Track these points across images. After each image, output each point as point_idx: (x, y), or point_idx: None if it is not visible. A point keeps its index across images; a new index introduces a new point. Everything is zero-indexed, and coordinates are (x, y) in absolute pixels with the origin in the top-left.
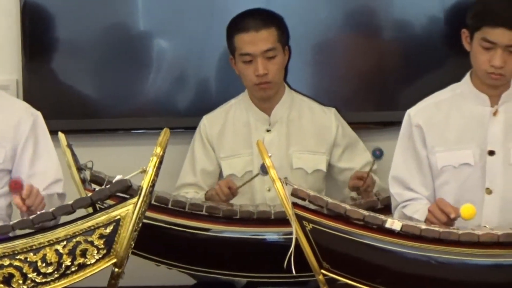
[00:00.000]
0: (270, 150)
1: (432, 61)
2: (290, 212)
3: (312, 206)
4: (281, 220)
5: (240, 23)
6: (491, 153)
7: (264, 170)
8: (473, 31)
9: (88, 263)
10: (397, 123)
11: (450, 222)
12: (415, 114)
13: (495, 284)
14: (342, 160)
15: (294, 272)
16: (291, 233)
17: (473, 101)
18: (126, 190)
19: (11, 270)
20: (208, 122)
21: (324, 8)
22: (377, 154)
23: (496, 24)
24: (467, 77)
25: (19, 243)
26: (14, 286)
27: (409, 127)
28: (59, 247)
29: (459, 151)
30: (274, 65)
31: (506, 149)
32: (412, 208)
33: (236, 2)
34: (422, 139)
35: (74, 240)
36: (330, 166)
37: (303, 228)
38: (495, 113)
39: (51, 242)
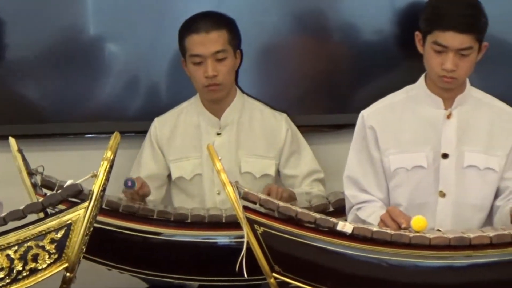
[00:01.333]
0: (220, 153)
1: (384, 63)
2: (241, 215)
3: (263, 210)
4: (232, 224)
5: (191, 25)
6: (445, 156)
7: (126, 185)
8: (425, 34)
9: (40, 268)
10: (349, 126)
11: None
12: (368, 116)
13: (446, 286)
14: (287, 166)
15: (245, 275)
16: (242, 237)
17: (427, 104)
18: (77, 195)
19: None
20: (159, 124)
21: (275, 11)
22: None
23: (447, 28)
24: (421, 79)
25: None
26: None
27: (362, 128)
28: (10, 252)
29: (412, 154)
30: (224, 67)
31: (459, 152)
32: (366, 211)
33: (186, 6)
34: (375, 141)
35: (26, 245)
36: (277, 171)
37: (254, 231)
38: (448, 116)
39: (2, 247)
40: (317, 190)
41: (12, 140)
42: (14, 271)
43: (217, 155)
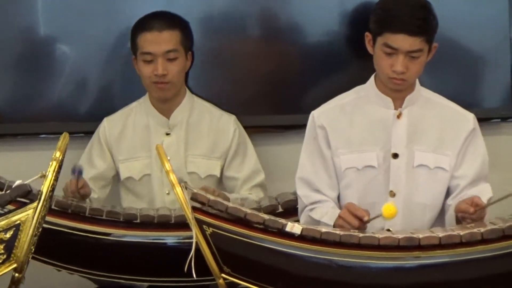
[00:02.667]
0: (168, 153)
1: (333, 63)
2: (190, 216)
3: (212, 210)
4: (181, 224)
5: (145, 23)
6: (395, 156)
7: (74, 172)
8: (375, 35)
9: None
10: (297, 127)
11: (362, 226)
12: (319, 116)
13: (395, 287)
14: (230, 168)
15: (194, 276)
16: (191, 237)
17: (377, 104)
18: (26, 195)
19: None
20: (108, 124)
21: (225, 11)
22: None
23: (398, 31)
24: (371, 79)
25: None
26: None
27: (313, 129)
28: None
29: (363, 154)
30: (175, 66)
31: (409, 151)
32: (319, 211)
33: (137, 7)
34: (326, 141)
35: None
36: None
37: (203, 232)
38: (398, 116)
39: None
40: (255, 196)
41: None
42: None
43: (166, 155)
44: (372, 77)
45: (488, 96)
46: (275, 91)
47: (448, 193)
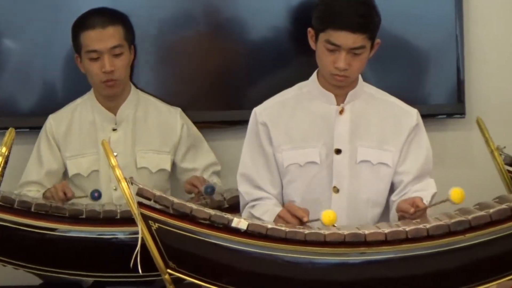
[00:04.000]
0: (116, 149)
1: (278, 59)
2: (135, 211)
3: (158, 206)
4: (127, 220)
5: (86, 21)
6: (338, 151)
7: (93, 197)
8: (318, 32)
9: None
10: (243, 122)
11: (302, 226)
12: (261, 112)
13: (341, 283)
14: (185, 160)
15: (140, 271)
16: (137, 233)
17: (319, 100)
18: None
19: None
20: (54, 121)
21: (170, 7)
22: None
23: (340, 27)
24: (314, 75)
25: None
26: None
27: (255, 125)
28: None
29: (305, 150)
30: (121, 62)
31: (352, 147)
32: (260, 208)
33: (81, 2)
34: (268, 137)
35: None
36: (174, 165)
37: (149, 227)
38: (341, 112)
39: None
40: (217, 182)
41: None
42: None
43: (112, 151)
44: (315, 73)
45: (434, 92)
46: (220, 87)
47: (392, 189)
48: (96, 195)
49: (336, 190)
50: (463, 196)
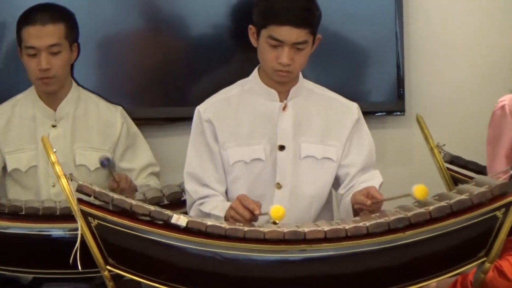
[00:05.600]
0: (55, 145)
1: (218, 56)
2: (75, 208)
3: (98, 202)
4: (67, 216)
5: (28, 16)
6: (281, 148)
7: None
8: (260, 28)
9: None
10: (185, 119)
11: (254, 218)
12: (205, 110)
13: (281, 280)
14: (123, 159)
15: (80, 268)
16: (76, 229)
17: (262, 97)
18: None
19: None
20: None
21: (110, 3)
22: (105, 163)
23: (282, 22)
24: (255, 72)
25: None
26: None
27: (199, 123)
28: None
29: (250, 147)
30: (58, 60)
31: (296, 144)
32: (209, 204)
33: None
34: (214, 135)
35: None
36: None
37: (88, 224)
38: (284, 108)
39: None
40: (154, 183)
41: None
42: None
43: (52, 147)
44: (256, 70)
45: (374, 90)
46: (161, 84)
47: (337, 183)
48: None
49: (279, 186)
50: (426, 193)
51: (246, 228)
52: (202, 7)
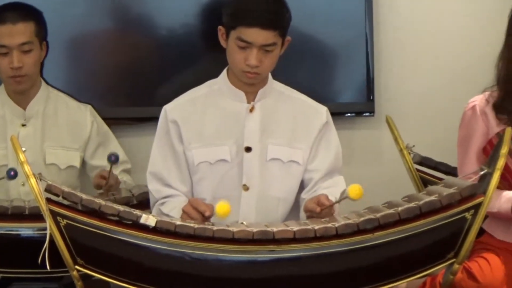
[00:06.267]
0: (25, 145)
1: (188, 56)
2: (44, 207)
3: (66, 202)
4: (36, 216)
5: None
6: (248, 149)
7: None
8: (229, 29)
9: None
10: (153, 119)
11: (205, 220)
12: (171, 110)
13: (250, 280)
14: (95, 157)
15: (48, 267)
16: (45, 229)
17: (229, 98)
18: None
19: None
20: None
21: (80, 2)
22: (113, 159)
23: (251, 24)
24: (224, 73)
25: None
26: None
27: (165, 123)
28: None
29: (216, 147)
30: (30, 59)
31: (262, 145)
32: (169, 205)
33: None
34: (179, 135)
35: None
36: (84, 162)
37: (57, 223)
38: (251, 110)
39: None
40: (128, 179)
41: None
42: None
43: (21, 146)
44: (225, 71)
45: (344, 90)
46: (130, 84)
47: (302, 187)
48: (12, 174)
49: (246, 188)
50: (361, 192)
51: (215, 228)
52: (172, 7)
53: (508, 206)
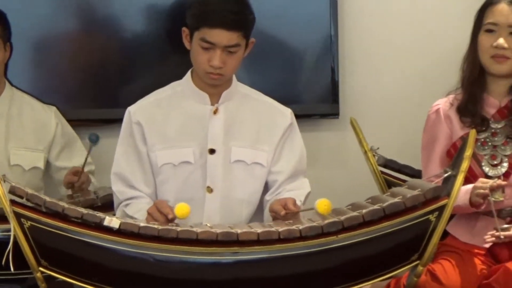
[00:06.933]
0: None
1: (152, 58)
2: (8, 209)
3: (30, 204)
4: (0, 217)
5: None
6: (212, 151)
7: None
8: (193, 30)
9: None
10: (117, 120)
11: (169, 222)
12: (135, 112)
13: (214, 282)
14: (60, 158)
15: (12, 269)
16: (9, 230)
17: (193, 99)
18: None
19: None
20: None
21: (44, 4)
22: (93, 139)
23: (214, 25)
24: (188, 75)
25: None
26: None
27: (129, 124)
28: None
29: (180, 149)
30: None
31: (226, 147)
32: (134, 207)
33: None
34: (142, 137)
35: None
36: (48, 164)
37: (21, 225)
38: (215, 112)
39: None
40: (93, 181)
41: None
42: None
43: None
44: (189, 73)
45: (308, 92)
46: (95, 85)
47: (265, 189)
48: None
49: (210, 190)
50: (329, 207)
51: (179, 229)
52: (136, 9)
53: (466, 197)
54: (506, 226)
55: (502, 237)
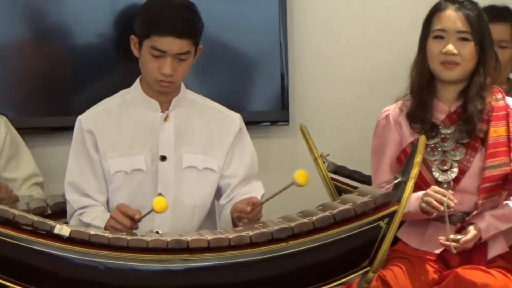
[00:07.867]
0: None
1: (103, 66)
2: None
3: None
4: None
5: None
6: (163, 158)
7: None
8: (142, 38)
9: None
10: (68, 128)
11: (134, 225)
12: (86, 120)
13: None
14: (6, 170)
15: None
16: None
17: (143, 107)
18: None
19: None
20: None
21: None
22: None
23: (164, 33)
24: (137, 83)
25: None
26: None
27: (81, 133)
28: None
29: (131, 157)
30: None
31: (177, 154)
32: (90, 215)
33: None
34: (94, 145)
35: None
36: None
37: None
38: (165, 119)
39: None
40: (37, 193)
41: None
42: None
43: None
44: (138, 80)
45: (258, 99)
46: (44, 93)
47: (219, 194)
48: None
49: None
50: (307, 177)
51: (129, 237)
52: (86, 17)
53: (417, 204)
54: (457, 237)
55: (454, 251)
